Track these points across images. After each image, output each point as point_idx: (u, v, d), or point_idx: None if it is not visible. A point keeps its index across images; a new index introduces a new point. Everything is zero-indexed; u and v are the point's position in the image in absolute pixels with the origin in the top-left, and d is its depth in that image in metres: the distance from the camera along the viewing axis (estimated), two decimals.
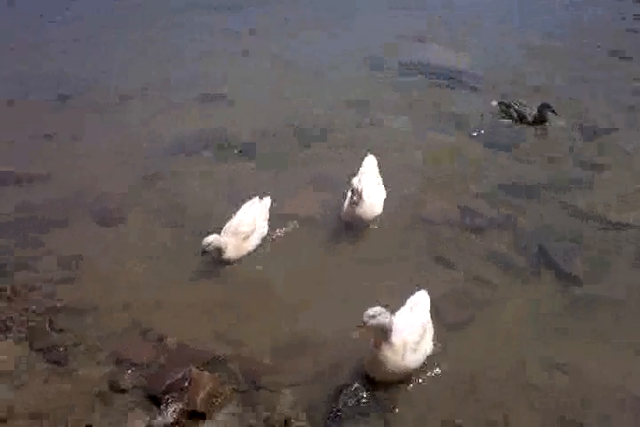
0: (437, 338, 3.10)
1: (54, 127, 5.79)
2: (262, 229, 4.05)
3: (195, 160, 5.33)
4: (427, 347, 2.92)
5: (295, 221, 4.30)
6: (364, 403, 2.78)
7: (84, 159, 5.19)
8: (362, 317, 2.69)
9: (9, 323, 3.38)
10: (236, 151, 5.42)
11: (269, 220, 4.15)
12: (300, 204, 4.57)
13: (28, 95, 6.49)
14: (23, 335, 3.30)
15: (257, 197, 4.21)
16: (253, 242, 3.94)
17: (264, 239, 4.04)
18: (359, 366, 2.96)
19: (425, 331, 2.93)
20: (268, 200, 4.25)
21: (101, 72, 7.13)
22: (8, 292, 3.62)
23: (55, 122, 5.91)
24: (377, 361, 2.77)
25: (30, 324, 3.37)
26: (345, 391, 2.81)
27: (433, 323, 3.08)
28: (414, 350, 2.81)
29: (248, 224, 3.90)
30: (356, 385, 2.84)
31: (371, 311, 2.70)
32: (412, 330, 2.85)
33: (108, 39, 8.17)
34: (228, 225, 3.92)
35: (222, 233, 3.85)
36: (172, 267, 3.87)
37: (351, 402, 2.77)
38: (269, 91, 6.67)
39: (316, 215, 4.41)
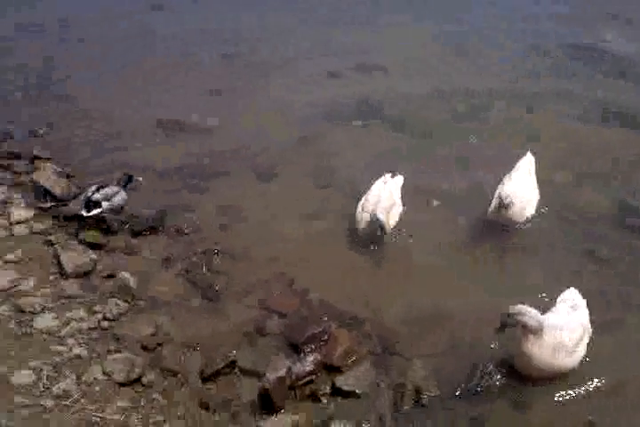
0: None
1: (220, 84, 6.12)
2: (399, 206, 4.02)
3: (346, 127, 5.44)
4: (583, 349, 2.81)
5: (437, 199, 4.28)
6: (496, 387, 2.77)
7: (246, 116, 5.47)
8: (499, 316, 2.67)
9: (172, 258, 3.70)
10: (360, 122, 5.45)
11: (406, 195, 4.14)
12: (444, 180, 4.54)
13: (196, 53, 6.89)
14: (183, 271, 3.61)
15: (389, 175, 4.20)
16: (394, 218, 3.93)
17: (404, 215, 4.03)
18: (496, 350, 2.94)
19: (584, 332, 2.82)
20: (400, 178, 4.21)
21: (266, 35, 7.39)
22: (173, 231, 3.96)
23: (221, 79, 6.25)
24: (522, 355, 2.72)
25: (190, 262, 3.67)
26: (480, 371, 2.81)
27: None
28: (571, 352, 2.71)
29: (387, 198, 3.91)
30: (492, 368, 2.82)
31: (511, 310, 2.66)
32: (570, 331, 2.74)
33: (276, 4, 8.41)
34: (364, 201, 3.92)
35: (360, 208, 3.88)
36: (320, 226, 4.03)
37: (484, 383, 2.77)
38: (426, 65, 6.59)
39: (462, 194, 4.35)
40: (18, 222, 3.87)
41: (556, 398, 2.76)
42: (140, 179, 4.16)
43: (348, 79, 6.35)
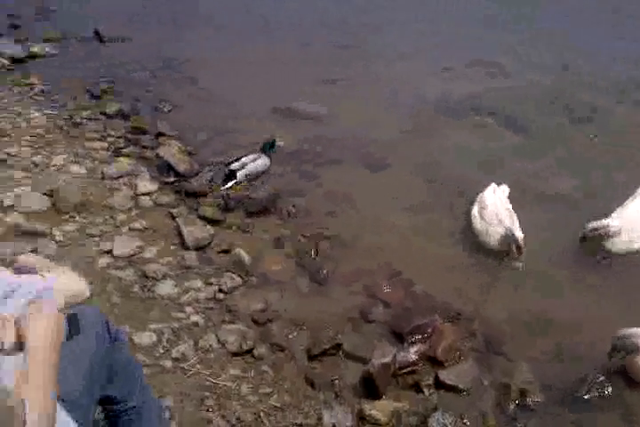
0: None
1: (334, 75, 6.23)
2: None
3: (457, 123, 5.41)
4: None
5: (551, 202, 4.18)
6: (606, 398, 2.71)
7: (360, 105, 5.54)
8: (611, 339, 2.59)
9: (282, 240, 3.84)
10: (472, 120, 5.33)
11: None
12: (560, 183, 4.43)
13: (311, 44, 7.03)
14: (292, 253, 3.74)
15: (494, 184, 4.12)
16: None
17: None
18: (608, 361, 2.87)
19: None
20: (506, 188, 4.13)
21: (380, 28, 7.42)
22: (284, 213, 4.10)
23: (335, 70, 6.35)
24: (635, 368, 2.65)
25: (300, 244, 3.80)
26: (590, 381, 2.75)
27: None
28: None
29: (510, 212, 3.81)
30: (603, 378, 2.76)
31: (623, 332, 2.58)
32: None
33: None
34: (480, 209, 3.86)
35: (478, 217, 3.84)
36: (427, 220, 4.04)
37: (594, 393, 2.71)
38: (547, 66, 6.41)
39: (577, 198, 4.24)
40: (143, 194, 4.14)
41: None
42: (282, 143, 4.44)
43: (462, 75, 6.30)
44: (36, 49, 6.82)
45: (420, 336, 3.02)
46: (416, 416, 2.64)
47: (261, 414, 2.63)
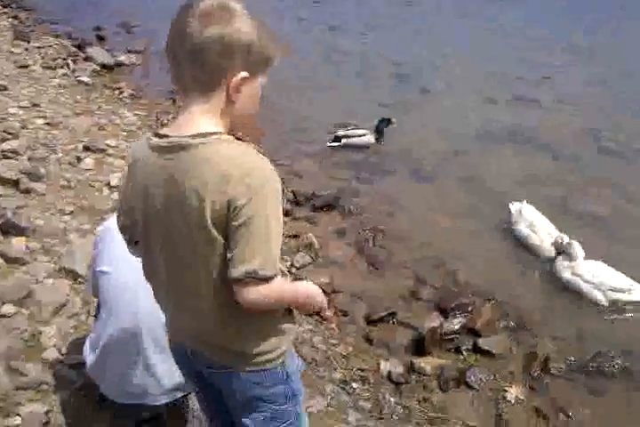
0: None
1: (389, 99, 6.97)
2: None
3: (496, 149, 6.04)
4: None
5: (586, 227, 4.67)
6: (616, 369, 3.24)
7: (410, 127, 6.21)
8: None
9: (344, 231, 4.48)
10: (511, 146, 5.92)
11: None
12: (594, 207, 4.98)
13: (370, 72, 7.82)
14: (353, 242, 4.36)
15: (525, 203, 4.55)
16: None
17: None
18: (620, 339, 3.42)
19: None
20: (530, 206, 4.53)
21: (433, 61, 8.21)
22: (345, 210, 4.74)
23: (390, 96, 7.11)
24: None
25: (359, 235, 4.42)
26: (602, 354, 3.30)
27: None
28: None
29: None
30: (613, 353, 3.31)
31: None
32: None
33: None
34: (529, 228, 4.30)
35: (530, 233, 4.28)
36: (470, 224, 4.65)
37: (606, 365, 3.25)
38: (581, 102, 7.06)
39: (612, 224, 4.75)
40: None
41: None
42: (396, 125, 5.40)
43: (503, 107, 6.98)
44: (122, 58, 7.67)
45: (462, 312, 3.60)
46: (456, 371, 3.21)
47: (330, 357, 3.22)
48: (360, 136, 5.51)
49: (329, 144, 5.46)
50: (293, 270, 3.93)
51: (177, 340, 1.67)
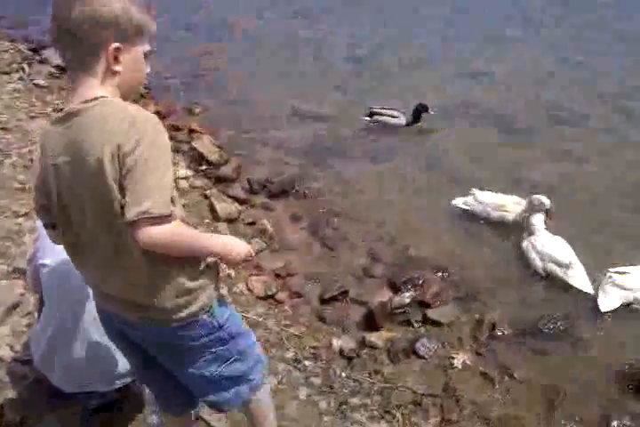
0: None
1: (346, 83, 7.02)
2: None
3: (451, 125, 6.09)
4: None
5: None
6: (559, 330, 3.37)
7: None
8: None
9: (299, 216, 4.55)
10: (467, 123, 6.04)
11: None
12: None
13: (327, 56, 7.86)
14: (307, 225, 4.45)
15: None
16: None
17: None
18: (562, 304, 3.55)
19: None
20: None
21: (386, 42, 8.24)
22: (300, 195, 4.82)
23: (347, 79, 7.15)
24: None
25: (313, 219, 4.50)
26: (547, 317, 3.42)
27: None
28: None
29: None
30: (557, 315, 3.43)
31: None
32: None
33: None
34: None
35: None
36: (423, 202, 4.73)
37: (550, 327, 3.37)
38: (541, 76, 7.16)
39: None
40: (180, 178, 4.87)
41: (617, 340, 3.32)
42: (433, 112, 5.53)
43: (457, 83, 7.05)
44: None
45: (412, 286, 3.70)
46: (406, 342, 3.31)
47: (283, 338, 3.31)
48: (392, 117, 5.73)
49: (362, 117, 5.80)
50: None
51: (104, 309, 1.78)
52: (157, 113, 5.91)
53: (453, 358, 3.22)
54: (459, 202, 4.50)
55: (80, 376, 2.36)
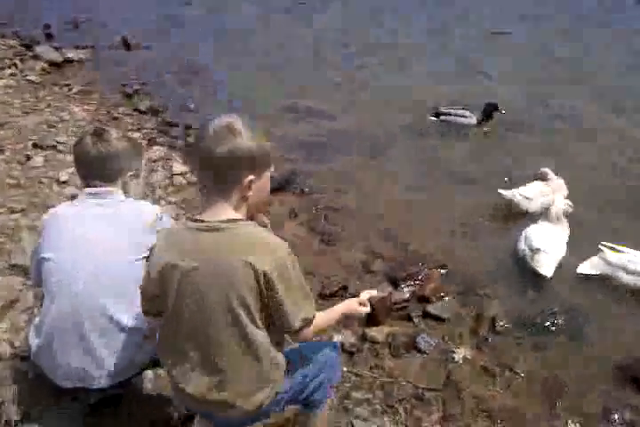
0: None
1: (341, 78, 7.02)
2: None
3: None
4: None
5: None
6: (558, 325, 3.38)
7: (363, 104, 6.29)
8: None
9: (297, 211, 4.54)
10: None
11: None
12: None
13: (322, 51, 7.85)
14: (305, 221, 4.43)
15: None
16: None
17: None
18: (563, 297, 3.56)
19: None
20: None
21: (381, 40, 8.23)
22: (298, 190, 4.80)
23: (341, 74, 7.15)
24: None
25: (311, 214, 4.50)
26: (545, 312, 3.43)
27: None
28: None
29: None
30: (557, 309, 3.44)
31: None
32: None
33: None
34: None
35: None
36: (421, 197, 4.74)
37: (549, 321, 3.38)
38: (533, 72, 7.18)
39: None
40: (176, 174, 4.85)
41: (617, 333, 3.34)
42: (504, 111, 5.56)
43: (450, 79, 7.08)
44: (70, 55, 7.59)
45: (412, 281, 3.70)
46: (407, 337, 3.30)
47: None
48: (462, 116, 5.81)
49: (429, 117, 5.94)
50: None
51: (193, 407, 2.01)
52: (151, 109, 5.91)
53: (454, 352, 3.22)
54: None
55: (74, 372, 2.33)
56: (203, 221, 1.70)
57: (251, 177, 1.69)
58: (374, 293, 2.42)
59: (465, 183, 4.74)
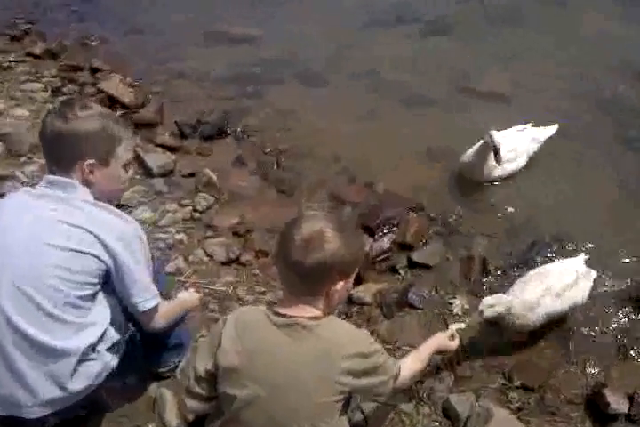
0: None
1: None
2: None
3: (385, 33, 5.55)
4: None
5: None
6: (554, 255, 3.15)
7: (290, 24, 5.57)
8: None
9: (243, 158, 4.01)
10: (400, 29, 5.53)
11: None
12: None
13: None
14: (255, 169, 3.93)
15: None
16: None
17: None
18: (549, 229, 3.31)
19: None
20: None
21: None
22: (239, 134, 4.24)
23: None
24: None
25: (260, 160, 3.98)
26: (537, 243, 3.18)
27: None
28: None
29: None
30: (548, 241, 3.20)
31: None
32: None
33: None
34: None
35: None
36: (375, 127, 4.26)
37: (542, 254, 3.14)
38: None
39: None
40: None
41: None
42: None
43: None
44: None
45: (389, 227, 3.34)
46: (396, 293, 2.99)
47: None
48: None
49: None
50: (197, 215, 3.50)
51: None
52: (48, 51, 5.03)
53: (451, 303, 2.95)
54: None
55: (6, 398, 1.88)
56: (287, 316, 1.69)
57: (341, 283, 1.72)
58: (463, 326, 2.34)
59: (423, 104, 4.29)
